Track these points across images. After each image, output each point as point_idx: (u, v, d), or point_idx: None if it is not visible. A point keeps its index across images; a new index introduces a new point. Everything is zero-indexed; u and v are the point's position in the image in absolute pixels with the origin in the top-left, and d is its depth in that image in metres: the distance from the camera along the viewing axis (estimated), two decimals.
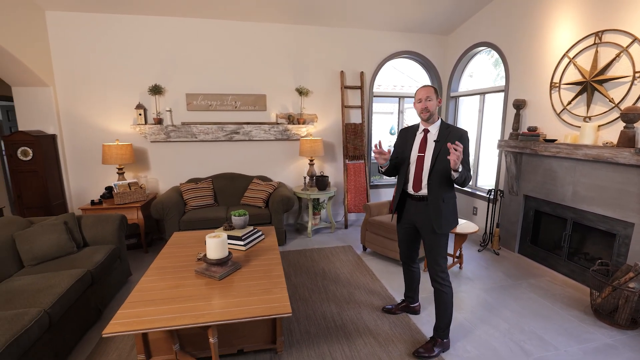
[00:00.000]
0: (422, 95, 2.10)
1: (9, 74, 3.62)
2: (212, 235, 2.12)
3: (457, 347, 2.26)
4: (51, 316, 1.97)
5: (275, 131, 4.43)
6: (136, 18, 3.97)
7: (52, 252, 2.61)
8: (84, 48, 3.93)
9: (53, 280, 2.23)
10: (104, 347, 2.24)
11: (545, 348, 2.26)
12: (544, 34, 3.42)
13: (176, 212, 3.66)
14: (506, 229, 3.93)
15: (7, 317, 1.80)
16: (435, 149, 2.08)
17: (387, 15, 4.28)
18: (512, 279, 3.24)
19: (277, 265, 2.31)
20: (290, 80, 4.49)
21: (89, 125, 4.09)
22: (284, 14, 4.13)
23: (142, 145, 4.23)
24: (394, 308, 2.63)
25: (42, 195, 3.81)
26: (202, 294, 1.92)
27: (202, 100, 4.27)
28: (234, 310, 1.76)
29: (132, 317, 1.70)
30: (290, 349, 2.20)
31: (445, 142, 2.00)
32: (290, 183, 4.74)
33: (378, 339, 2.32)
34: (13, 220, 2.67)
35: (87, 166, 4.17)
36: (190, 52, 4.17)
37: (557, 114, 3.30)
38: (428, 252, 2.20)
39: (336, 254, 3.77)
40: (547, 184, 3.40)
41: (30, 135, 3.67)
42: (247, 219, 2.67)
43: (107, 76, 4.03)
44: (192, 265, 2.32)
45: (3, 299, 2.03)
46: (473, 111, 4.86)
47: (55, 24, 3.83)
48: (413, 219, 2.25)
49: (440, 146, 2.05)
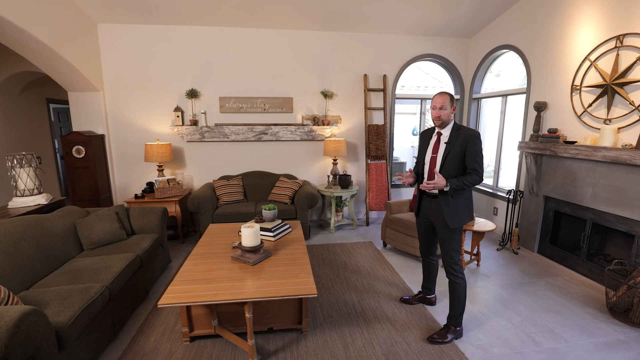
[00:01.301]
0: (437, 103, 2.24)
1: (66, 81, 4.06)
2: (246, 226, 2.39)
3: (469, 336, 2.41)
4: (111, 291, 2.30)
5: (301, 132, 4.69)
6: (175, 28, 4.34)
7: (107, 238, 2.98)
8: (129, 56, 4.33)
9: (110, 262, 2.57)
10: (151, 321, 2.56)
11: (556, 340, 2.38)
12: (565, 37, 3.48)
13: (210, 206, 3.99)
14: (525, 229, 3.99)
15: (77, 289, 2.13)
16: (445, 150, 2.25)
17: (410, 20, 4.44)
18: (529, 276, 3.33)
19: (303, 254, 2.55)
20: (315, 83, 4.74)
21: (132, 126, 4.50)
22: (310, 21, 4.38)
23: (179, 144, 4.60)
24: (411, 298, 2.81)
25: (92, 189, 4.24)
26: (238, 276, 2.19)
27: (234, 103, 4.59)
28: (266, 290, 2.01)
29: (180, 293, 1.99)
30: (314, 330, 2.44)
31: (455, 143, 2.20)
32: (315, 181, 4.98)
33: (395, 325, 2.51)
34: (74, 210, 3.06)
35: (130, 163, 4.59)
36: (224, 58, 4.49)
37: (578, 116, 3.35)
38: (442, 245, 2.37)
39: (357, 249, 3.97)
40: (567, 185, 3.46)
41: (83, 135, 4.11)
42: (276, 213, 2.93)
43: (149, 81, 4.43)
44: (228, 252, 2.60)
45: (72, 275, 2.38)
46: (495, 113, 4.92)
47: (105, 35, 4.26)
48: (428, 214, 2.44)
49: (450, 147, 2.23)
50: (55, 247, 2.64)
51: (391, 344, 2.30)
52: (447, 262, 2.36)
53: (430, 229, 2.53)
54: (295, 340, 2.32)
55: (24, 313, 1.56)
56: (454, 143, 2.23)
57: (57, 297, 2.03)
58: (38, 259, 2.43)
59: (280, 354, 2.18)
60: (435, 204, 2.34)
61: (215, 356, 2.16)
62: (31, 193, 2.97)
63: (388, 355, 2.18)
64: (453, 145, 2.23)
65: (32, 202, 2.97)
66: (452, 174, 2.22)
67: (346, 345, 2.27)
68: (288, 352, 2.20)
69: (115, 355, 2.20)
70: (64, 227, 2.83)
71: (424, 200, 2.46)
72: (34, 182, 2.97)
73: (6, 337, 1.46)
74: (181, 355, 2.17)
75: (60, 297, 2.03)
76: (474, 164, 2.17)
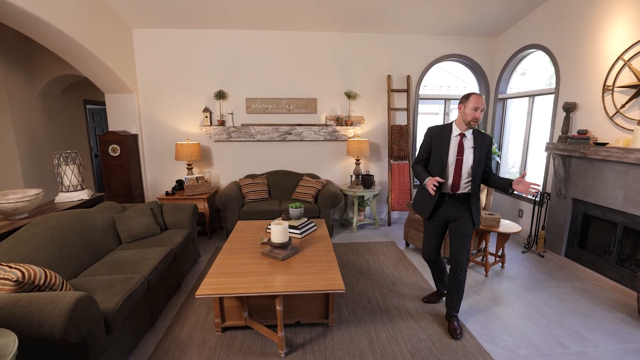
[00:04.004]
0: (481, 105, 2.19)
1: (103, 83, 4.30)
2: (276, 223, 2.49)
3: (495, 337, 2.43)
4: (149, 282, 2.45)
5: (325, 132, 4.77)
6: (204, 32, 4.51)
7: (143, 232, 3.15)
8: (161, 59, 4.54)
9: (147, 254, 2.73)
10: (185, 312, 2.70)
11: (584, 344, 2.36)
12: (597, 36, 3.41)
13: (236, 204, 4.13)
14: (552, 231, 3.93)
15: (120, 279, 2.29)
16: (475, 155, 2.28)
17: (434, 20, 4.43)
18: (556, 280, 3.29)
19: (329, 251, 2.63)
20: (339, 84, 4.80)
21: (163, 126, 4.71)
22: (334, 23, 4.45)
23: (207, 144, 4.78)
24: (433, 297, 2.84)
25: (126, 186, 4.47)
26: (268, 271, 2.29)
27: (260, 104, 4.72)
28: (296, 284, 2.10)
29: (215, 285, 2.11)
30: (340, 325, 2.51)
31: (481, 148, 2.28)
32: (337, 181, 5.05)
33: (419, 323, 2.55)
34: (113, 206, 3.25)
35: (161, 162, 4.80)
36: (250, 60, 4.63)
37: (610, 117, 3.28)
38: (460, 245, 2.39)
39: (380, 248, 4.02)
40: (597, 187, 3.38)
41: (118, 135, 4.33)
42: (302, 211, 3.03)
43: (179, 83, 4.62)
44: (257, 248, 2.71)
45: (113, 266, 2.54)
46: (520, 113, 4.84)
47: (139, 39, 4.47)
48: (447, 215, 2.42)
49: (479, 152, 2.27)
50: (98, 239, 2.82)
51: (416, 341, 2.34)
52: (460, 261, 2.39)
53: (442, 232, 2.53)
54: (322, 334, 2.40)
55: (79, 298, 1.70)
56: (480, 147, 2.28)
57: (102, 285, 2.19)
58: (83, 250, 2.61)
59: (307, 347, 2.27)
60: (459, 205, 2.38)
61: (246, 346, 2.27)
62: (75, 189, 3.18)
63: (413, 352, 2.23)
64: (480, 150, 2.28)
65: (75, 198, 3.18)
66: (481, 177, 2.32)
67: (371, 341, 2.33)
68: (315, 345, 2.29)
69: (153, 342, 2.35)
70: (105, 221, 3.02)
71: (445, 202, 2.42)
72: (77, 178, 3.18)
73: (64, 319, 1.60)
74: (214, 344, 2.29)
75: (105, 285, 2.19)
76: (490, 166, 2.38)
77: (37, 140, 4.70)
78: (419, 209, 2.57)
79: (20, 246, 2.19)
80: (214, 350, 2.24)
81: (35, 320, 1.59)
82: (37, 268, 1.90)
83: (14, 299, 1.67)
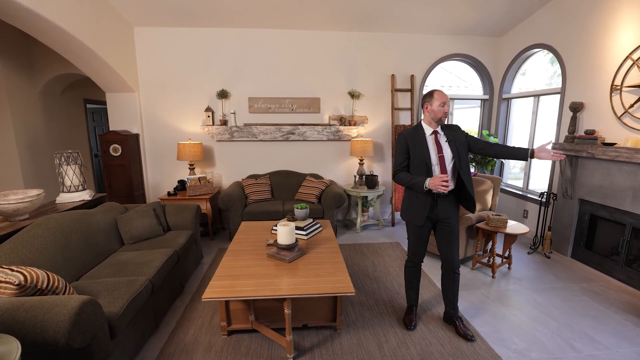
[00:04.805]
0: (447, 99, 2.24)
1: (104, 81, 4.24)
2: (282, 224, 2.44)
3: (505, 340, 2.39)
4: (153, 284, 2.40)
5: (328, 132, 4.73)
6: (206, 30, 4.46)
7: (145, 234, 3.10)
8: (162, 58, 4.48)
9: (150, 256, 2.68)
10: (189, 314, 2.65)
11: (596, 347, 2.32)
12: (605, 35, 3.37)
13: (240, 205, 4.08)
14: (558, 232, 3.90)
15: (124, 281, 2.24)
16: (452, 148, 2.27)
17: (438, 20, 4.40)
18: (563, 281, 3.26)
19: (336, 253, 2.59)
20: (342, 84, 4.76)
21: (164, 126, 4.65)
22: (338, 22, 4.40)
23: (209, 144, 4.73)
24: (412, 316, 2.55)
25: (128, 186, 4.41)
26: (275, 273, 2.24)
27: (263, 103, 4.67)
28: (305, 287, 2.05)
29: (222, 287, 2.06)
30: (347, 328, 2.47)
31: (455, 139, 2.28)
32: (340, 181, 5.01)
33: (428, 326, 2.51)
34: (114, 206, 3.20)
35: (162, 161, 4.74)
36: (253, 59, 4.58)
37: (618, 117, 3.25)
38: (454, 245, 2.36)
39: (384, 250, 3.97)
40: (605, 188, 3.35)
41: (120, 134, 4.28)
42: (307, 212, 2.98)
43: (181, 82, 4.56)
44: (262, 249, 2.66)
45: (116, 268, 2.50)
46: (523, 113, 4.81)
47: (141, 37, 4.42)
48: (439, 216, 2.34)
49: (455, 144, 2.27)
50: (100, 240, 2.77)
51: (425, 344, 2.30)
52: (456, 261, 2.38)
53: (429, 233, 2.45)
54: (330, 337, 2.36)
55: (83, 302, 1.65)
56: (453, 139, 2.28)
57: (105, 288, 2.14)
58: (86, 252, 2.56)
59: (316, 351, 2.22)
60: (448, 204, 2.34)
61: (252, 350, 2.23)
62: (76, 189, 3.13)
63: (423, 355, 2.19)
64: (455, 141, 2.28)
65: (77, 198, 3.13)
66: (467, 166, 2.28)
67: (380, 345, 2.29)
68: (323, 348, 2.24)
69: (158, 346, 2.30)
70: (107, 222, 2.96)
71: (439, 203, 2.32)
72: (79, 179, 3.13)
73: (69, 324, 1.55)
74: (220, 348, 2.25)
75: (108, 288, 2.14)
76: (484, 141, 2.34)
77: (37, 140, 4.64)
78: (409, 215, 2.40)
79: (22, 248, 2.14)
80: (220, 354, 2.19)
81: (38, 325, 1.54)
82: (40, 271, 1.85)
83: (16, 303, 1.62)
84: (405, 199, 2.45)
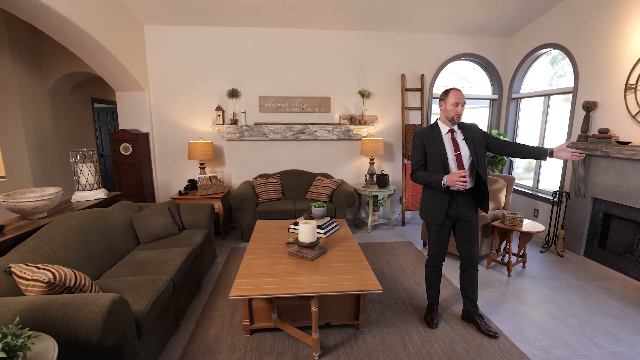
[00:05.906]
0: (461, 100, 2.21)
1: (115, 80, 4.22)
2: (303, 222, 2.43)
3: (528, 337, 2.38)
4: (174, 283, 2.38)
5: (338, 131, 4.72)
6: (217, 29, 4.44)
7: (161, 232, 3.08)
8: (173, 56, 4.46)
9: (169, 255, 2.66)
10: (208, 313, 2.63)
11: (619, 344, 2.32)
12: (618, 34, 3.38)
13: (252, 204, 4.06)
14: (571, 231, 3.90)
15: (146, 280, 2.22)
16: (470, 146, 2.26)
17: (449, 19, 4.40)
18: (579, 279, 3.26)
19: (357, 251, 2.58)
20: (353, 83, 4.76)
21: (174, 125, 4.63)
22: (349, 22, 4.40)
23: (219, 143, 4.71)
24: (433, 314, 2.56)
25: (138, 185, 4.39)
26: (299, 271, 2.23)
27: (273, 103, 4.66)
28: (331, 284, 2.04)
29: (247, 285, 2.05)
30: (370, 326, 2.46)
31: (472, 137, 2.28)
32: (350, 180, 5.00)
33: (449, 323, 2.51)
34: (129, 205, 3.18)
35: (172, 161, 4.72)
36: (263, 58, 4.57)
37: (632, 115, 3.26)
38: (474, 243, 2.36)
39: (398, 249, 3.97)
40: (619, 186, 3.36)
41: (130, 133, 4.25)
42: (325, 210, 2.97)
43: (192, 81, 4.54)
44: (282, 247, 2.65)
45: (135, 267, 2.47)
46: (530, 113, 4.82)
47: (151, 36, 4.40)
48: (459, 214, 2.34)
49: (472, 142, 2.27)
50: (118, 239, 2.75)
51: (449, 342, 2.29)
52: (475, 259, 2.39)
53: (450, 232, 2.43)
54: (353, 335, 2.35)
55: (114, 300, 1.64)
56: (471, 137, 2.28)
57: (129, 287, 2.12)
58: (105, 251, 2.54)
59: (340, 349, 2.21)
60: (468, 201, 2.34)
61: (277, 349, 2.21)
62: (92, 188, 3.10)
63: (449, 353, 2.18)
64: (473, 139, 2.28)
65: (92, 197, 3.10)
66: (484, 164, 2.28)
67: (404, 342, 2.28)
68: (348, 347, 2.23)
69: (180, 345, 2.28)
70: (123, 221, 2.94)
71: (457, 200, 2.32)
72: (94, 177, 3.10)
73: (101, 322, 1.54)
74: (244, 347, 2.23)
75: (132, 287, 2.12)
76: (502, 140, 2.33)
77: (46, 138, 4.60)
78: (428, 215, 2.40)
79: (44, 246, 2.11)
80: (245, 353, 2.17)
81: (71, 323, 1.52)
82: (67, 269, 1.83)
83: (47, 301, 1.60)
84: (424, 199, 2.45)
